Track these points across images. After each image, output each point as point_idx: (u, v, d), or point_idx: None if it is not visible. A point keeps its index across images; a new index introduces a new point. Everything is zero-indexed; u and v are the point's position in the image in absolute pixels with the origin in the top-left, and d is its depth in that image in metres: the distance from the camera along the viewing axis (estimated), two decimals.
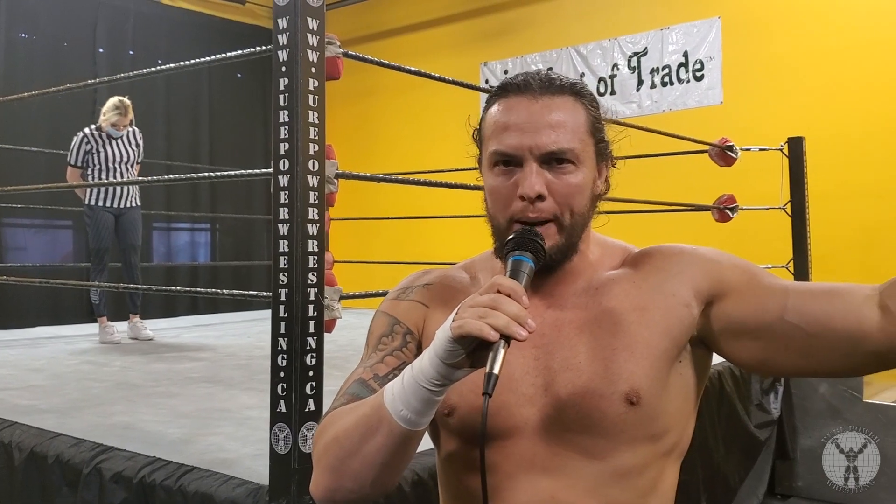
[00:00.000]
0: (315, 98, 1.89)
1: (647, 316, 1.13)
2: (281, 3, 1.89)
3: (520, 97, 1.12)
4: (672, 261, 1.17)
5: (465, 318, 0.92)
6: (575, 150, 1.11)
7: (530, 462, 1.11)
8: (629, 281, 1.17)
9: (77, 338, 5.26)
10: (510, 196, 1.11)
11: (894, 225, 5.72)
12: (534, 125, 1.10)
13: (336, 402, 1.12)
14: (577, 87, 1.15)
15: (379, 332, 1.21)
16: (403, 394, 0.98)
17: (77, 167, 5.17)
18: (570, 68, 7.40)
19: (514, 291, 0.94)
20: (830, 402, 4.36)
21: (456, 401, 1.13)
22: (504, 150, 1.11)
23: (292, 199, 1.84)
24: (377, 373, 1.13)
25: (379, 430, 0.99)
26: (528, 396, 1.13)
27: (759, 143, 5.33)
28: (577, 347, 1.13)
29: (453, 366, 0.94)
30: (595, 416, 1.09)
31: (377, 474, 1.02)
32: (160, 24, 8.02)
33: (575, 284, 1.18)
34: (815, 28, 6.10)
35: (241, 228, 8.59)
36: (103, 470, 2.19)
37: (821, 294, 1.08)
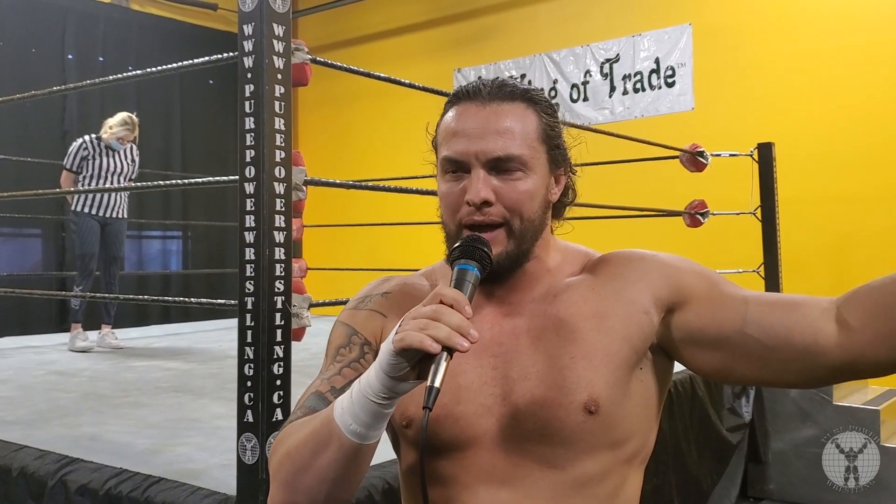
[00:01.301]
0: (281, 105, 1.88)
1: (605, 323, 1.12)
2: (246, 10, 1.87)
3: (470, 104, 1.12)
4: (632, 267, 1.16)
5: (407, 331, 0.91)
6: (523, 156, 1.10)
7: (489, 473, 1.10)
8: (588, 287, 1.15)
9: (45, 348, 5.19)
10: (459, 202, 1.10)
11: (863, 229, 5.78)
12: (481, 131, 1.09)
13: (293, 415, 1.11)
14: (529, 93, 1.15)
15: (337, 343, 1.19)
16: (352, 408, 0.97)
17: (72, 172, 5.16)
18: (543, 75, 7.43)
19: (457, 302, 0.92)
20: (801, 405, 4.40)
21: (413, 412, 1.11)
22: (452, 157, 1.11)
23: (258, 206, 1.83)
24: (334, 385, 1.11)
25: (329, 445, 0.98)
26: (486, 407, 1.11)
27: (729, 148, 5.37)
28: (535, 356, 1.11)
29: (398, 379, 0.93)
30: (554, 425, 1.08)
31: (330, 489, 1.00)
32: (130, 31, 7.95)
33: (532, 292, 1.16)
34: (784, 35, 6.17)
35: (213, 236, 8.53)
36: (69, 482, 2.16)
37: (780, 306, 1.07)
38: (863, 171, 5.78)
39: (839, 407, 4.29)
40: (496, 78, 1.16)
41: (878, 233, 5.71)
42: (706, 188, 5.51)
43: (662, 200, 5.71)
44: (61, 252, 7.35)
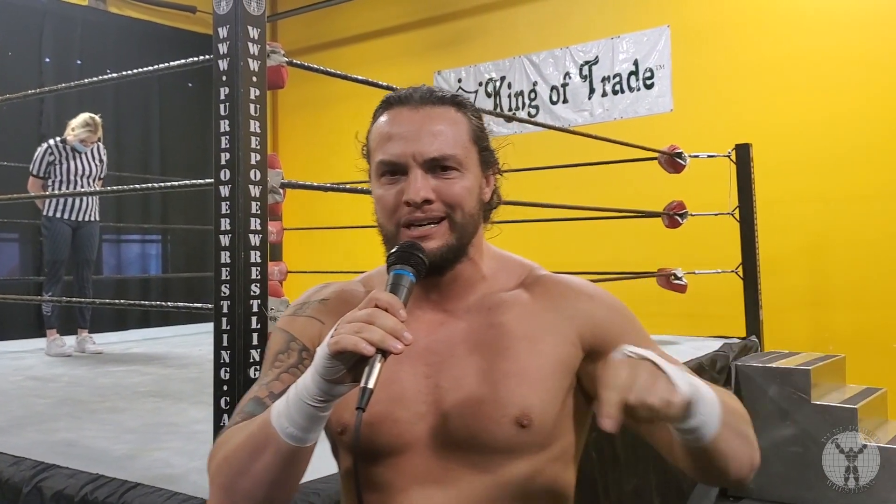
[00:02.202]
0: (256, 107, 1.88)
1: (538, 347, 1.14)
2: (221, 12, 1.87)
3: (402, 108, 1.15)
4: (569, 302, 1.19)
5: (342, 334, 0.92)
6: (457, 156, 1.13)
7: (423, 477, 1.12)
8: (523, 307, 1.18)
9: (22, 353, 5.14)
10: (397, 203, 1.12)
11: (840, 229, 5.83)
12: (416, 134, 1.12)
13: (232, 420, 1.12)
14: (457, 98, 1.18)
15: (275, 349, 1.20)
16: (288, 411, 0.98)
17: (39, 177, 5.10)
18: (522, 77, 7.45)
19: (391, 305, 0.94)
20: (779, 404, 4.42)
21: (348, 419, 1.12)
22: (389, 160, 1.13)
23: (234, 209, 1.82)
24: (273, 390, 1.12)
25: (266, 449, 0.99)
26: (419, 413, 1.13)
27: (707, 149, 5.41)
28: (468, 368, 1.13)
29: (334, 382, 0.94)
30: (484, 436, 1.10)
31: (268, 492, 1.02)
32: (108, 33, 7.89)
33: (468, 299, 1.19)
34: (762, 36, 6.21)
35: (193, 239, 8.47)
36: (44, 488, 2.13)
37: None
38: (839, 172, 5.83)
39: (817, 406, 4.32)
40: (423, 85, 1.19)
41: (855, 232, 5.76)
42: (684, 189, 5.54)
43: (641, 201, 5.74)
44: (38, 257, 7.27)
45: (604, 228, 6.30)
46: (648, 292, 5.72)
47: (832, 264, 5.88)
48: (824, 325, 5.87)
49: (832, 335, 5.77)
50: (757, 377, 4.52)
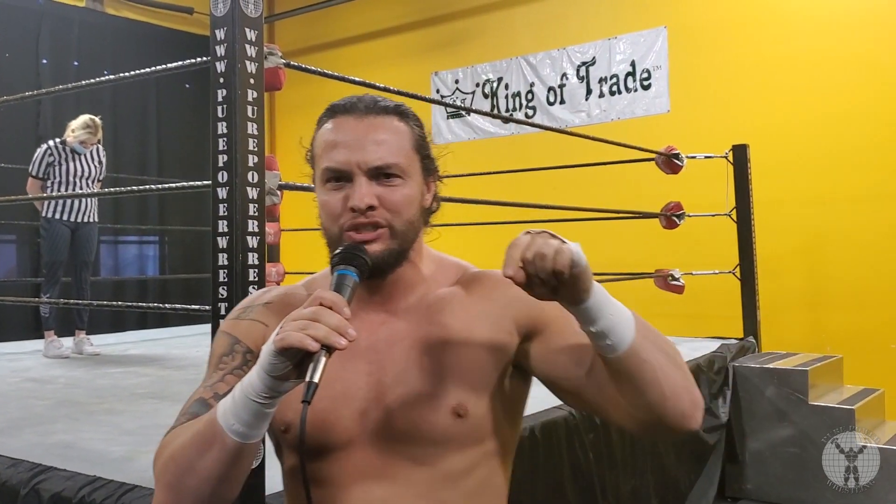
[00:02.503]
0: (254, 109, 1.88)
1: (474, 338, 1.20)
2: (218, 14, 1.87)
3: (347, 117, 1.19)
4: (500, 291, 1.23)
5: (288, 332, 0.96)
6: (401, 164, 1.18)
7: (363, 472, 1.17)
8: (460, 303, 1.24)
9: (20, 354, 5.14)
10: (342, 208, 1.16)
11: (836, 231, 5.84)
12: (361, 142, 1.16)
13: (177, 421, 1.14)
14: (400, 108, 1.23)
15: (219, 352, 1.22)
16: (235, 408, 1.01)
17: (38, 178, 5.09)
18: (519, 78, 7.46)
19: (335, 303, 0.98)
20: (777, 405, 4.43)
21: (292, 417, 1.16)
22: (334, 167, 1.17)
23: (231, 211, 1.82)
24: (217, 391, 1.15)
25: (213, 446, 1.02)
26: (360, 410, 1.18)
27: (704, 150, 5.42)
28: (409, 364, 1.19)
29: (279, 378, 0.98)
30: (424, 427, 1.16)
31: (214, 488, 1.04)
32: (105, 35, 7.89)
33: (408, 299, 1.24)
34: (759, 37, 6.22)
35: (190, 240, 8.47)
36: (41, 490, 2.14)
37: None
38: (836, 173, 5.84)
39: (815, 407, 4.32)
40: (366, 95, 1.23)
41: (852, 233, 5.77)
42: (682, 190, 5.55)
43: (638, 202, 5.75)
44: (36, 258, 7.27)
45: (601, 229, 6.30)
46: (646, 293, 5.72)
47: (830, 265, 5.89)
48: (822, 325, 5.88)
49: (830, 336, 5.78)
50: (754, 378, 4.53)
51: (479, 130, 7.71)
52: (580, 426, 3.04)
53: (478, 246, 7.26)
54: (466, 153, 7.67)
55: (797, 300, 5.98)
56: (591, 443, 3.11)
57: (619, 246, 6.48)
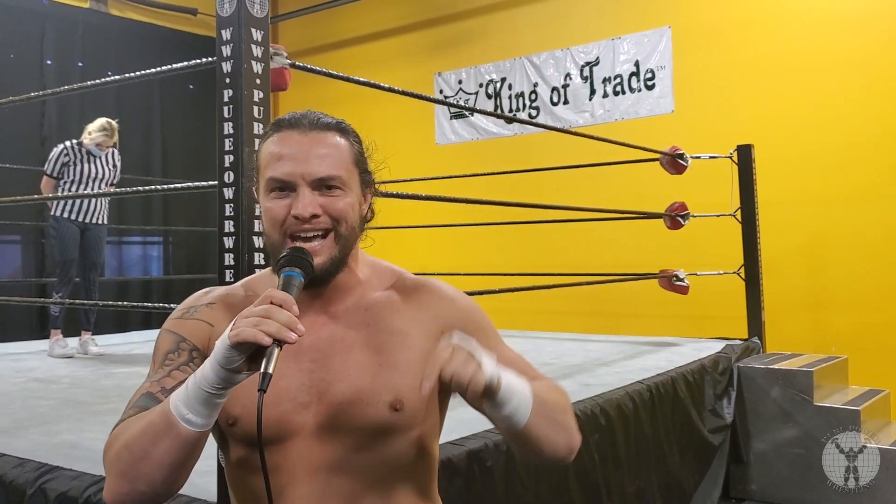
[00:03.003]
0: (260, 109, 1.88)
1: (408, 341, 1.31)
2: (224, 14, 1.87)
3: (292, 131, 1.28)
4: (434, 302, 1.36)
5: (242, 327, 1.04)
6: (342, 176, 1.27)
7: (307, 461, 1.26)
8: (395, 308, 1.35)
9: (25, 355, 5.14)
10: (284, 216, 1.25)
11: (841, 231, 5.83)
12: (305, 155, 1.25)
13: (125, 414, 1.21)
14: (342, 125, 1.33)
15: (165, 349, 1.29)
16: (188, 399, 1.08)
17: (53, 177, 5.12)
18: (523, 78, 7.46)
19: (285, 301, 1.07)
20: (782, 405, 4.42)
21: (239, 412, 1.25)
22: (279, 177, 1.25)
23: (237, 211, 1.83)
24: (164, 386, 1.22)
25: (167, 434, 1.09)
26: (304, 404, 1.27)
27: (709, 150, 5.41)
28: (348, 361, 1.29)
29: (233, 370, 1.06)
30: (363, 420, 1.26)
31: (167, 475, 1.11)
32: (110, 36, 7.90)
33: (346, 301, 1.34)
34: (763, 37, 6.22)
35: (195, 241, 8.48)
36: (48, 490, 2.14)
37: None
38: (840, 172, 5.83)
39: (820, 408, 4.31)
40: (310, 111, 1.33)
41: (856, 233, 5.76)
42: (686, 190, 5.55)
43: (643, 203, 5.74)
44: (40, 258, 7.29)
45: (605, 230, 6.30)
46: (650, 294, 5.73)
47: (835, 265, 5.88)
48: (827, 326, 5.87)
49: (834, 336, 5.77)
50: (759, 379, 4.52)
51: (482, 131, 7.71)
52: (585, 427, 3.04)
53: (482, 246, 7.28)
54: (470, 154, 7.68)
55: (802, 300, 5.97)
56: (595, 444, 3.11)
57: (623, 246, 6.48)
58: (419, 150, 7.82)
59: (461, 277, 5.88)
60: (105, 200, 5.32)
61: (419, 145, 7.93)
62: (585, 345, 5.13)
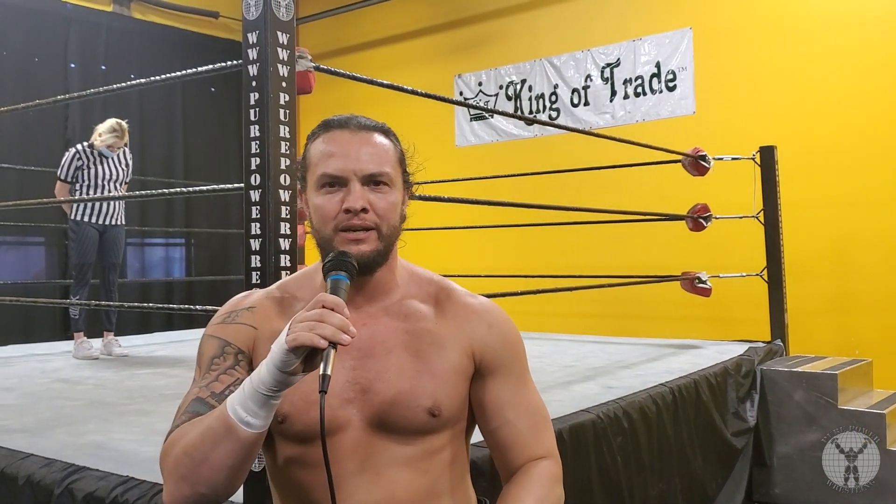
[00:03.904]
0: (286, 112, 1.89)
1: (444, 353, 1.37)
2: (251, 18, 1.88)
3: (342, 131, 1.35)
4: (471, 325, 1.42)
5: (298, 332, 1.09)
6: (390, 173, 1.34)
7: (352, 452, 1.32)
8: (434, 321, 1.40)
9: (50, 356, 5.19)
10: (336, 210, 1.30)
11: (865, 233, 5.78)
12: (356, 153, 1.32)
13: (177, 420, 1.26)
14: (385, 127, 1.40)
15: (210, 354, 1.35)
16: (245, 402, 1.14)
17: (66, 182, 5.14)
18: (543, 79, 7.45)
19: (337, 305, 1.12)
20: (806, 409, 4.38)
21: (288, 409, 1.30)
22: (332, 173, 1.31)
23: (264, 214, 1.84)
24: (213, 390, 1.27)
25: (227, 438, 1.14)
26: (348, 400, 1.33)
27: (731, 152, 5.37)
28: (389, 363, 1.34)
29: (289, 373, 1.11)
30: (404, 422, 1.33)
31: (227, 477, 1.17)
32: (133, 39, 7.97)
33: (385, 302, 1.39)
34: (785, 38, 6.18)
35: (216, 243, 8.53)
36: (75, 490, 2.15)
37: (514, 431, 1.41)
38: (865, 174, 5.78)
39: (844, 411, 4.27)
40: (353, 115, 1.40)
41: (880, 235, 5.71)
42: (708, 192, 5.52)
43: (665, 204, 5.72)
44: (64, 260, 7.36)
45: (627, 232, 6.28)
46: (672, 296, 5.70)
47: (858, 267, 5.83)
48: (850, 328, 5.82)
49: (858, 339, 5.71)
50: (783, 381, 4.49)
51: (502, 133, 7.71)
52: (608, 430, 3.02)
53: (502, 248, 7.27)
54: (490, 156, 7.67)
55: (825, 303, 5.92)
56: (619, 446, 3.10)
57: (645, 248, 6.45)
58: (439, 152, 7.82)
59: (481, 280, 5.88)
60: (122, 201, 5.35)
61: (439, 147, 7.93)
62: (607, 347, 5.11)
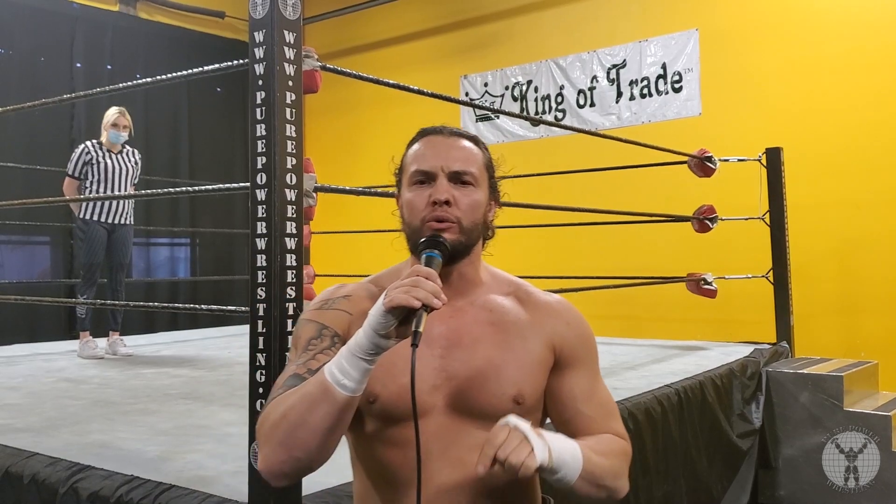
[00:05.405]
0: (292, 111, 1.88)
1: (527, 345, 1.48)
2: (257, 17, 1.88)
3: (435, 136, 1.49)
4: (552, 319, 1.52)
5: (394, 294, 1.20)
6: (475, 173, 1.46)
7: (437, 434, 1.40)
8: (517, 315, 1.51)
9: (54, 355, 5.19)
10: (424, 203, 1.42)
11: (871, 234, 5.76)
12: (445, 152, 1.46)
13: (273, 393, 1.33)
14: (475, 136, 1.53)
15: (307, 336, 1.43)
16: (342, 367, 1.22)
17: (76, 178, 5.15)
18: (549, 80, 7.44)
19: (430, 274, 1.24)
20: (811, 410, 4.37)
21: (379, 390, 1.38)
22: (423, 169, 1.44)
23: (270, 213, 1.83)
24: (310, 367, 1.34)
25: (324, 400, 1.22)
26: (435, 386, 1.42)
27: (737, 153, 5.37)
28: (474, 352, 1.44)
29: (384, 336, 1.21)
30: (489, 409, 1.40)
31: (321, 440, 1.24)
32: (138, 39, 7.98)
33: (470, 297, 1.50)
34: (792, 39, 6.16)
35: (221, 243, 8.53)
36: (80, 489, 2.16)
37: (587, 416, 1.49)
38: (871, 176, 5.76)
39: (850, 413, 4.26)
40: (446, 125, 1.53)
41: (886, 237, 5.69)
42: (714, 193, 5.51)
43: (671, 206, 5.71)
44: (69, 259, 7.36)
45: (633, 233, 6.27)
46: (678, 297, 5.69)
47: (864, 269, 5.81)
48: (856, 330, 5.80)
49: (864, 341, 5.70)
50: (788, 383, 4.48)
51: (508, 133, 7.70)
52: None
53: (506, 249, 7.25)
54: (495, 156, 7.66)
55: (831, 305, 5.91)
56: None
57: (650, 250, 6.44)
58: None
59: None
60: (131, 201, 5.35)
61: None
62: (612, 348, 5.10)
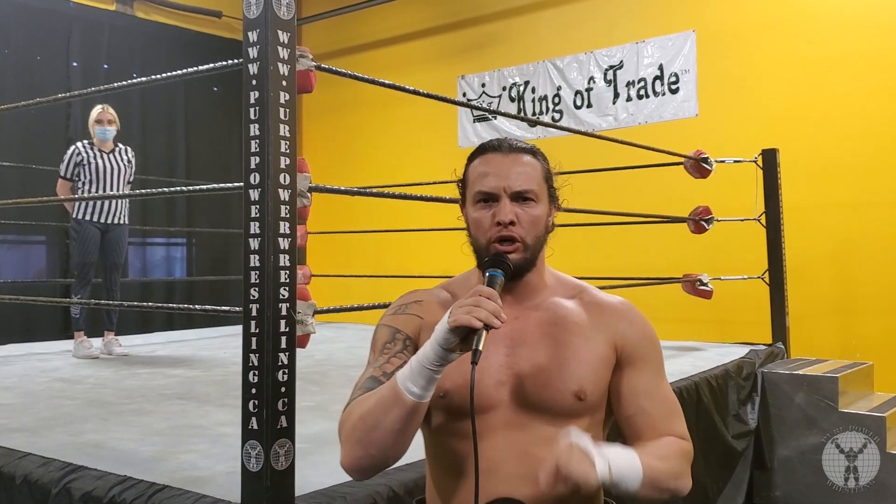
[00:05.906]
0: (286, 111, 1.88)
1: (589, 344, 1.55)
2: (251, 17, 1.87)
3: (495, 153, 1.56)
4: (615, 319, 1.59)
5: (458, 314, 1.30)
6: (535, 190, 1.54)
7: (504, 425, 1.49)
8: (579, 315, 1.58)
9: (49, 355, 5.18)
10: (490, 223, 1.51)
11: (866, 236, 5.77)
12: (506, 172, 1.53)
13: (354, 394, 1.46)
14: (533, 149, 1.60)
15: (383, 340, 1.56)
16: (412, 375, 1.34)
17: (67, 179, 5.13)
18: (546, 81, 7.44)
19: (492, 295, 1.33)
20: (806, 411, 4.38)
21: (449, 386, 1.48)
22: (486, 190, 1.52)
23: (263, 213, 1.83)
24: (385, 370, 1.47)
25: (396, 405, 1.34)
26: (501, 382, 1.51)
27: (733, 155, 5.37)
28: (538, 350, 1.53)
29: (449, 350, 1.31)
30: (551, 404, 1.49)
31: (394, 440, 1.36)
32: (135, 38, 7.96)
33: (534, 300, 1.59)
34: (788, 41, 6.16)
35: (217, 242, 8.52)
36: (72, 490, 2.15)
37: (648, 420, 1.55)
38: (867, 177, 5.77)
39: (845, 413, 4.27)
40: (506, 138, 1.61)
41: (882, 238, 5.70)
42: (711, 194, 5.51)
43: (667, 207, 5.71)
44: (65, 259, 7.35)
45: (629, 234, 6.27)
46: (674, 298, 5.69)
47: (860, 270, 5.81)
48: (852, 332, 5.80)
49: (860, 342, 5.70)
50: (783, 384, 4.48)
51: (505, 134, 7.70)
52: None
53: None
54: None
55: (826, 306, 5.91)
56: None
57: (647, 251, 6.44)
58: (442, 153, 7.82)
59: None
60: (125, 200, 5.34)
61: (442, 148, 7.93)
62: None
